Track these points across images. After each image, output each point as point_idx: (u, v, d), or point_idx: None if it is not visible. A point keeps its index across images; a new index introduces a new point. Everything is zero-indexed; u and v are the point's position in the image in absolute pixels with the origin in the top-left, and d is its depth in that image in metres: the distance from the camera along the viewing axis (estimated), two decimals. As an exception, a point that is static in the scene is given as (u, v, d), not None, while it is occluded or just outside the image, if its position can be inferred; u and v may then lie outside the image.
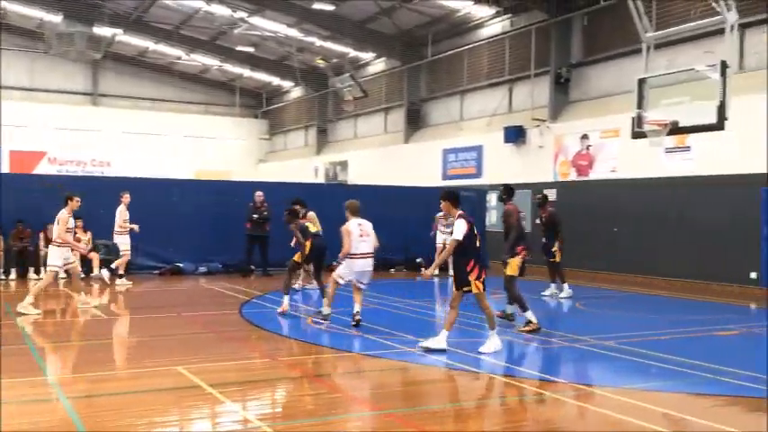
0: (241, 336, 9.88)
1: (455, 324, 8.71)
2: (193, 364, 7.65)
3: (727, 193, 15.97)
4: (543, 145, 21.42)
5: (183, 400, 6.41)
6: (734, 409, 6.42)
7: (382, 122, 31.45)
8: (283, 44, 30.82)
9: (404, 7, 24.93)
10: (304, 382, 7.38)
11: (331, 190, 22.99)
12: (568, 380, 7.53)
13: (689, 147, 16.88)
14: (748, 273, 15.65)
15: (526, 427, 5.90)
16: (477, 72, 25.46)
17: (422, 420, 5.89)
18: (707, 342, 9.88)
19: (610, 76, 20.18)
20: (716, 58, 12.58)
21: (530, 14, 22.42)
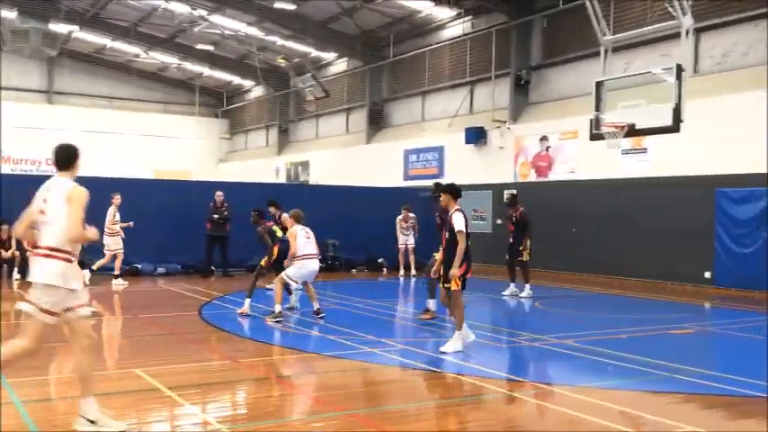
0: (201, 337, 9.77)
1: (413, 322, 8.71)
2: (151, 367, 7.53)
3: (682, 194, 16.29)
4: (504, 146, 21.62)
5: (141, 403, 6.31)
6: (689, 407, 6.55)
7: (344, 123, 31.42)
8: (244, 43, 30.60)
9: (365, 7, 24.94)
10: (265, 383, 7.32)
11: (292, 190, 22.90)
12: (528, 379, 7.61)
13: (645, 148, 17.20)
14: (703, 272, 15.99)
15: (486, 426, 5.94)
16: (438, 73, 25.58)
17: (383, 420, 5.89)
18: (663, 341, 10.06)
19: (569, 78, 20.45)
20: (672, 61, 12.85)
21: (490, 17, 22.61)
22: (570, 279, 18.14)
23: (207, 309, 11.99)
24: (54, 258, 5.14)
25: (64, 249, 5.17)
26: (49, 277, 5.11)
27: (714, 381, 7.33)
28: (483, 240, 21.60)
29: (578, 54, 19.89)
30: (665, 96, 12.07)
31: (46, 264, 5.13)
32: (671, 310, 13.23)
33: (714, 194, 15.71)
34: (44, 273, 5.13)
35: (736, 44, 16.44)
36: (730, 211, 15.47)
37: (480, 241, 21.81)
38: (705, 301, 14.75)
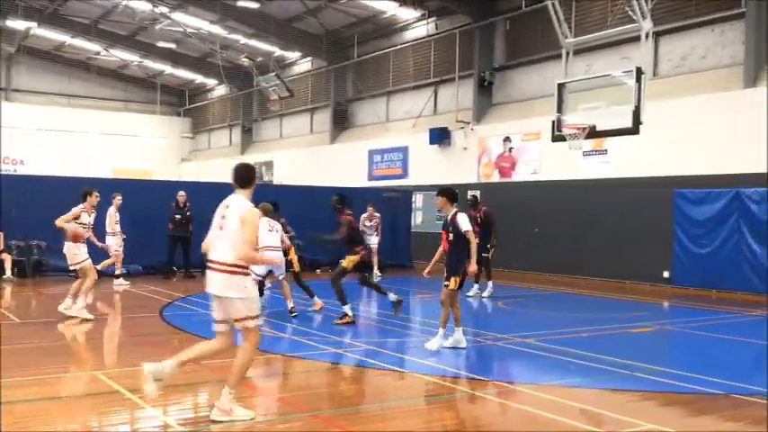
0: (162, 339, 9.65)
1: (380, 322, 8.72)
2: (112, 369, 7.42)
3: (641, 194, 16.57)
4: (467, 146, 21.75)
5: (101, 406, 6.22)
6: (648, 404, 6.66)
7: (308, 122, 31.31)
8: (206, 41, 30.30)
9: (330, 7, 24.90)
10: (228, 385, 7.25)
11: (256, 190, 22.69)
12: (492, 378, 7.67)
13: (606, 150, 17.45)
14: (661, 272, 16.29)
15: (451, 425, 5.97)
16: (402, 74, 25.65)
17: (348, 421, 5.88)
18: (623, 339, 10.23)
19: (531, 79, 20.66)
20: (632, 64, 13.05)
21: (454, 18, 22.74)
22: (532, 279, 18.33)
23: (168, 310, 11.85)
24: (233, 273, 5.54)
25: (239, 264, 5.55)
26: (230, 290, 5.56)
27: (672, 378, 7.48)
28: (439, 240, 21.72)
29: (541, 56, 20.12)
30: (626, 98, 12.26)
31: (226, 278, 5.54)
32: (631, 309, 13.44)
33: (672, 195, 16.01)
34: (228, 287, 5.55)
35: (694, 48, 16.78)
36: (688, 211, 15.78)
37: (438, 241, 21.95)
38: (664, 300, 15.02)
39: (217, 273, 5.59)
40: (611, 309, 13.54)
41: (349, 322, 10.54)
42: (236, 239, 5.54)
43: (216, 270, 5.60)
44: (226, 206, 5.72)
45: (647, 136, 13.63)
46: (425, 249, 22.88)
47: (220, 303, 5.67)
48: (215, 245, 5.69)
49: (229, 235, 5.58)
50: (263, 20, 26.39)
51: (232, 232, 5.57)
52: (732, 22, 15.99)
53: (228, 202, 5.75)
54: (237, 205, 5.67)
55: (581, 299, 15.08)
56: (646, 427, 5.77)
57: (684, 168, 15.94)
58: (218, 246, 5.65)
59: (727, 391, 6.95)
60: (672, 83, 16.87)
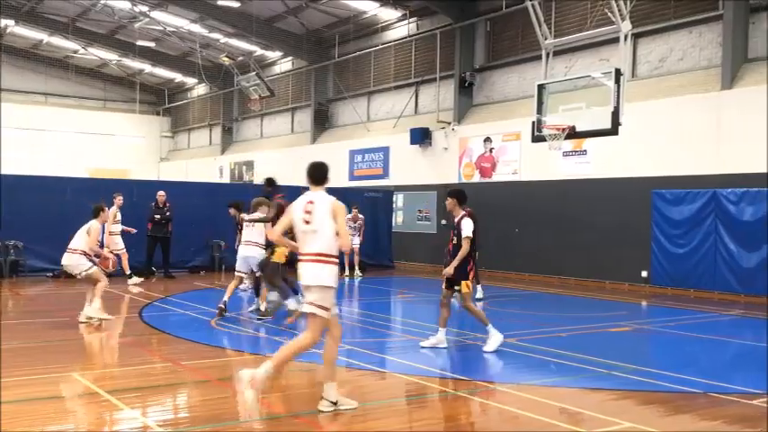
0: (141, 340, 9.58)
1: (355, 324, 8.72)
2: (89, 371, 7.36)
3: (620, 195, 16.71)
4: (448, 147, 21.80)
5: (79, 408, 6.16)
6: (626, 403, 6.71)
7: (289, 122, 31.22)
8: (186, 40, 30.12)
9: (311, 7, 24.85)
10: (207, 386, 7.21)
11: (237, 190, 22.62)
12: (472, 377, 7.69)
13: (585, 150, 17.57)
14: (640, 272, 16.43)
15: (431, 425, 5.98)
16: (384, 74, 25.65)
17: (328, 421, 5.87)
18: (602, 338, 10.30)
19: (512, 80, 20.76)
20: (610, 65, 13.16)
21: (435, 18, 22.78)
22: (512, 279, 18.41)
23: (147, 310, 11.77)
24: (325, 263, 5.89)
25: (332, 254, 5.92)
26: (323, 279, 5.87)
27: (651, 377, 7.55)
28: (428, 241, 21.79)
29: (521, 57, 20.22)
30: (605, 100, 12.36)
31: (318, 268, 5.87)
32: (609, 308, 13.54)
33: (651, 196, 16.15)
34: (318, 276, 5.86)
35: (672, 50, 16.94)
36: (666, 212, 15.93)
37: (425, 242, 22.01)
38: (642, 299, 15.15)
39: (311, 264, 5.91)
40: (591, 308, 13.63)
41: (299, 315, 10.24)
42: (326, 231, 5.91)
43: (311, 261, 5.92)
44: (309, 202, 6.05)
45: (626, 137, 13.76)
46: (406, 250, 23.03)
47: (322, 292, 5.94)
48: (304, 239, 6.00)
49: (319, 228, 5.92)
50: (244, 19, 26.27)
51: (321, 225, 5.92)
52: (709, 24, 16.16)
53: (311, 198, 6.08)
54: (323, 199, 6.04)
55: (560, 299, 15.17)
56: (624, 425, 5.82)
57: (663, 169, 16.09)
58: (308, 239, 5.98)
59: (704, 390, 7.03)
60: (650, 84, 17.02)
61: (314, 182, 6.24)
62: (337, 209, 6.00)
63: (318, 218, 5.96)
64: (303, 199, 6.15)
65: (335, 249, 5.97)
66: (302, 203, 6.11)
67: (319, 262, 5.90)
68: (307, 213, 6.00)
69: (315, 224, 5.96)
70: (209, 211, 17.64)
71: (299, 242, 6.12)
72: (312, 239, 5.97)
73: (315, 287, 5.91)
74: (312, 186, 6.22)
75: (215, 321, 10.64)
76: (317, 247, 5.93)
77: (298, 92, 30.44)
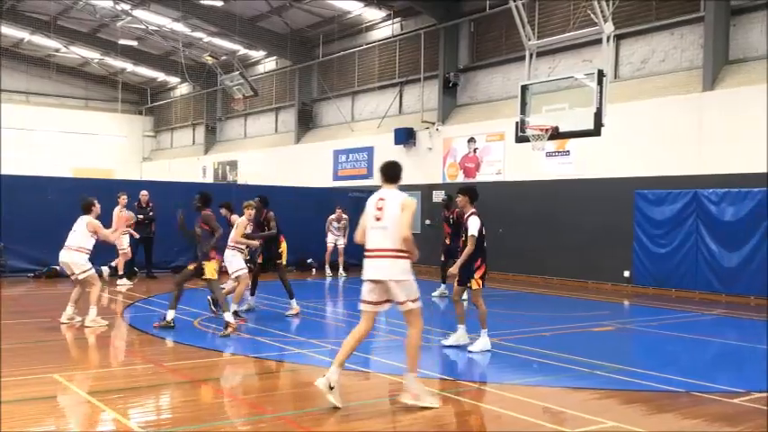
0: (123, 341, 9.51)
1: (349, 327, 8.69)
2: (70, 372, 7.29)
3: (603, 195, 16.80)
4: (432, 147, 21.83)
5: (59, 409, 6.10)
6: (609, 402, 6.75)
7: (273, 122, 31.13)
8: (169, 39, 29.94)
9: (295, 6, 24.80)
10: (190, 387, 7.16)
11: (220, 190, 22.50)
12: (455, 377, 7.70)
13: (568, 151, 17.65)
14: (622, 271, 16.53)
15: (415, 425, 5.98)
16: (368, 74, 25.64)
17: (312, 422, 5.86)
18: (584, 338, 10.35)
19: (496, 81, 20.82)
20: (593, 67, 13.23)
21: (419, 19, 22.81)
22: (496, 279, 18.42)
23: (130, 311, 11.69)
24: (396, 258, 6.03)
25: (403, 250, 6.03)
26: (396, 274, 6.01)
27: (633, 376, 7.59)
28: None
29: (505, 57, 20.29)
30: (588, 100, 12.42)
31: (389, 263, 6.01)
32: (592, 308, 13.61)
33: (633, 196, 16.25)
34: (391, 271, 6.00)
35: (654, 51, 17.06)
36: (648, 212, 16.04)
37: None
38: (624, 299, 15.25)
39: (380, 259, 6.05)
40: (574, 308, 13.69)
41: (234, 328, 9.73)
42: (397, 226, 6.04)
43: (379, 257, 6.05)
44: (380, 199, 6.21)
45: (609, 137, 13.84)
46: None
47: (381, 288, 6.09)
48: (374, 234, 6.13)
49: (391, 224, 6.05)
50: (227, 18, 26.17)
51: (393, 221, 6.04)
52: (691, 25, 16.29)
53: (382, 195, 6.23)
54: (395, 196, 6.20)
55: (544, 298, 15.23)
56: (607, 424, 5.84)
57: (645, 169, 16.21)
58: (378, 235, 6.11)
59: (686, 389, 7.08)
60: (632, 85, 17.13)
61: (387, 179, 6.37)
62: (406, 203, 6.13)
63: (389, 215, 6.10)
64: (375, 196, 6.28)
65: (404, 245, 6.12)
66: (374, 200, 6.25)
67: (389, 257, 6.04)
68: (378, 210, 6.16)
69: (385, 221, 6.10)
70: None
71: (368, 238, 6.18)
72: (383, 236, 6.09)
73: (395, 282, 6.06)
74: (385, 184, 6.36)
75: (198, 322, 10.58)
76: (388, 243, 6.06)
77: (282, 91, 30.36)
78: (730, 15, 15.59)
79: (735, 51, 15.55)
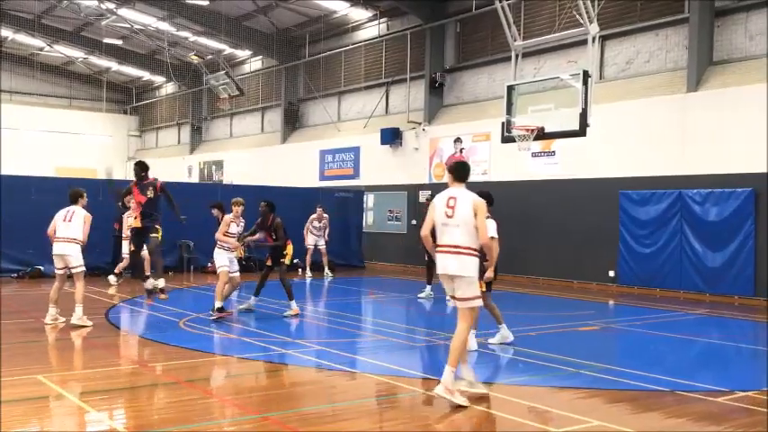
0: (107, 342, 9.45)
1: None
2: (55, 373, 7.24)
3: (588, 195, 16.88)
4: (419, 147, 21.85)
5: (43, 411, 6.05)
6: (595, 401, 6.78)
7: (259, 122, 31.05)
8: (154, 38, 29.78)
9: (281, 6, 24.74)
10: (176, 387, 7.13)
11: (206, 190, 22.43)
12: (441, 377, 7.69)
13: (554, 151, 17.72)
14: (607, 271, 16.61)
15: (402, 425, 5.98)
16: (354, 74, 25.63)
17: (299, 422, 5.84)
18: (570, 337, 10.39)
19: (482, 81, 20.87)
20: (579, 67, 13.28)
21: (405, 19, 22.82)
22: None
23: (114, 312, 11.61)
24: (467, 255, 6.27)
25: (473, 247, 6.30)
26: (466, 270, 6.27)
27: (618, 376, 7.63)
28: (398, 241, 21.81)
29: (491, 58, 20.34)
30: (573, 101, 12.47)
31: (460, 259, 6.24)
32: (577, 308, 13.67)
33: (617, 196, 16.34)
34: (461, 267, 6.25)
35: (639, 52, 17.16)
36: (633, 212, 16.13)
37: (396, 242, 22.03)
38: (609, 298, 15.33)
39: (451, 255, 6.29)
40: (559, 308, 13.75)
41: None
42: (469, 225, 6.28)
43: (451, 253, 6.29)
44: (451, 197, 6.41)
45: (594, 138, 13.90)
46: (377, 250, 23.02)
47: (452, 282, 6.36)
48: (446, 231, 6.35)
49: (462, 221, 6.29)
50: (213, 17, 26.06)
51: (464, 219, 6.29)
52: (675, 27, 16.40)
53: (453, 194, 6.43)
54: (466, 195, 6.40)
55: (529, 298, 15.28)
56: (593, 423, 5.87)
57: (629, 170, 16.30)
58: (450, 232, 6.33)
59: (671, 388, 7.13)
60: (617, 86, 17.22)
61: (456, 179, 6.56)
62: (478, 206, 6.34)
63: (461, 213, 6.32)
64: (445, 194, 6.48)
65: (475, 243, 6.34)
66: (445, 198, 6.44)
67: (462, 254, 6.28)
68: (449, 208, 6.36)
69: (457, 218, 6.32)
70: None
71: (439, 234, 6.41)
72: (455, 233, 6.32)
73: (458, 277, 6.29)
74: (454, 183, 6.54)
75: (183, 322, 10.53)
76: (459, 239, 6.30)
77: (268, 91, 30.28)
78: (714, 17, 15.71)
79: (719, 52, 15.68)
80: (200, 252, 18.21)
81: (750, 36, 15.23)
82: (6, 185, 16.47)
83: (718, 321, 12.40)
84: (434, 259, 6.62)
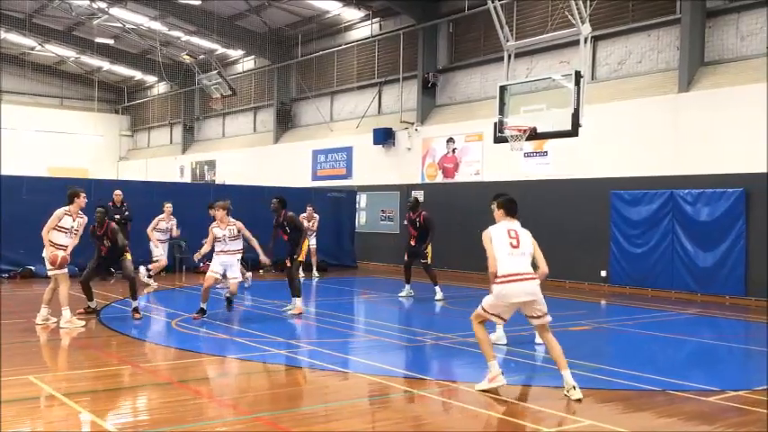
0: (99, 342, 9.42)
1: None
2: (46, 373, 7.21)
3: (580, 195, 16.92)
4: (411, 147, 21.86)
5: (34, 411, 6.03)
6: (586, 401, 6.77)
7: (251, 122, 31.00)
8: (146, 37, 29.69)
9: (273, 6, 24.71)
10: (168, 388, 7.11)
11: (198, 190, 22.40)
12: (434, 377, 7.71)
13: (546, 152, 17.76)
14: (599, 271, 16.66)
15: (394, 424, 5.98)
16: (347, 74, 25.61)
17: (291, 422, 5.84)
18: (562, 337, 10.35)
19: (474, 81, 20.89)
20: (571, 68, 13.31)
21: (398, 19, 22.83)
22: (475, 279, 18.49)
23: (106, 312, 11.57)
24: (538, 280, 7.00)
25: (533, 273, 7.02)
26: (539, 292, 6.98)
27: (610, 375, 7.65)
28: (390, 241, 21.81)
29: (483, 58, 20.37)
30: (565, 101, 12.49)
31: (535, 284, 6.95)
32: (569, 307, 13.68)
33: (609, 196, 16.38)
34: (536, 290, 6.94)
35: (631, 53, 17.22)
36: (624, 212, 16.18)
37: (388, 242, 22.03)
38: (601, 298, 15.37)
39: (531, 282, 6.92)
40: (551, 307, 13.66)
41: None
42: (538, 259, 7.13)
43: (529, 280, 6.93)
44: (511, 230, 7.04)
45: (586, 138, 13.94)
46: (369, 250, 23.01)
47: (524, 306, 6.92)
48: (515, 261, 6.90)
49: (528, 251, 7.06)
50: (205, 17, 26.00)
51: (529, 249, 7.07)
52: (667, 27, 16.46)
53: (512, 227, 7.07)
54: (522, 229, 7.16)
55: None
56: (584, 423, 5.89)
57: (621, 170, 16.35)
58: (520, 261, 6.94)
59: (662, 388, 7.15)
60: (609, 86, 17.28)
61: (511, 214, 7.20)
62: (532, 240, 7.16)
63: (526, 243, 7.05)
64: (504, 226, 7.05)
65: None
66: (504, 230, 7.00)
67: (534, 279, 6.95)
68: (513, 238, 6.96)
69: (523, 248, 7.00)
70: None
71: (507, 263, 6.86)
72: (526, 262, 6.97)
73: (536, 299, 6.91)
74: (510, 218, 7.15)
75: (176, 323, 10.51)
76: (530, 267, 6.98)
77: (260, 91, 30.24)
78: (706, 17, 15.77)
79: (710, 53, 15.74)
80: (192, 252, 18.14)
81: (741, 36, 15.31)
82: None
83: (710, 321, 12.45)
84: None
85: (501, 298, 6.81)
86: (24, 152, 34.23)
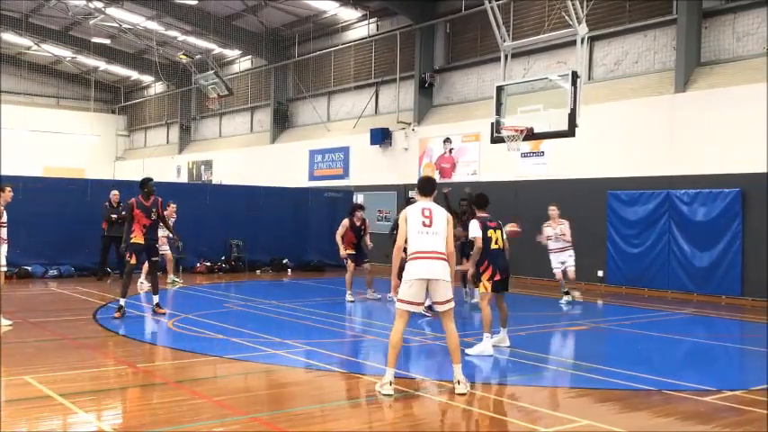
0: (95, 342, 9.40)
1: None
2: (42, 374, 7.19)
3: (577, 195, 16.92)
4: (408, 147, 21.86)
5: (30, 412, 6.01)
6: (583, 401, 6.80)
7: (248, 122, 30.98)
8: (143, 37, 29.66)
9: (270, 6, 24.70)
10: (165, 388, 7.10)
11: (195, 189, 22.37)
12: (430, 377, 7.71)
13: (543, 152, 17.77)
14: (595, 271, 16.67)
15: (391, 425, 5.98)
16: (344, 74, 25.61)
17: (288, 422, 5.83)
18: (558, 337, 10.42)
19: (471, 82, 20.91)
20: (567, 68, 13.32)
21: (395, 19, 22.84)
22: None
23: (102, 312, 11.55)
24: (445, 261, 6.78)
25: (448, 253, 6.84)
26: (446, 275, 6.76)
27: (607, 375, 7.66)
28: (388, 241, 21.77)
29: (480, 58, 20.38)
30: (562, 102, 12.50)
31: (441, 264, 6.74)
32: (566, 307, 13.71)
33: (606, 196, 16.40)
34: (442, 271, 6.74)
35: (628, 53, 17.24)
36: (621, 212, 16.20)
37: (385, 242, 22.00)
38: (598, 298, 15.39)
39: (436, 260, 6.70)
40: (547, 307, 13.78)
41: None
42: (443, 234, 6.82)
43: (434, 258, 6.70)
44: (425, 209, 6.88)
45: (583, 138, 13.95)
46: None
47: (429, 286, 6.72)
48: (424, 239, 6.74)
49: (440, 230, 6.81)
50: (202, 17, 25.99)
51: (442, 228, 6.82)
52: (663, 28, 16.49)
53: (426, 206, 6.92)
54: (438, 208, 6.99)
55: (518, 298, 15.29)
56: (581, 423, 5.89)
57: (618, 170, 16.37)
58: (428, 240, 6.74)
59: (658, 387, 7.16)
60: (606, 87, 17.30)
61: (426, 194, 7.12)
62: (449, 218, 6.98)
63: (439, 222, 6.84)
64: (419, 206, 6.94)
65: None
66: (419, 209, 6.89)
67: (439, 259, 6.72)
68: (426, 218, 6.82)
69: (435, 227, 6.81)
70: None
71: (417, 241, 6.76)
72: (435, 240, 6.76)
73: (446, 282, 6.73)
74: (425, 197, 7.08)
75: (172, 323, 10.49)
76: (441, 246, 6.76)
77: (257, 91, 30.22)
78: (702, 18, 15.80)
79: (707, 53, 15.77)
80: (188, 252, 18.14)
81: (738, 37, 15.34)
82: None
83: (706, 321, 12.48)
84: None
85: (409, 274, 6.73)
86: (20, 152, 34.16)
